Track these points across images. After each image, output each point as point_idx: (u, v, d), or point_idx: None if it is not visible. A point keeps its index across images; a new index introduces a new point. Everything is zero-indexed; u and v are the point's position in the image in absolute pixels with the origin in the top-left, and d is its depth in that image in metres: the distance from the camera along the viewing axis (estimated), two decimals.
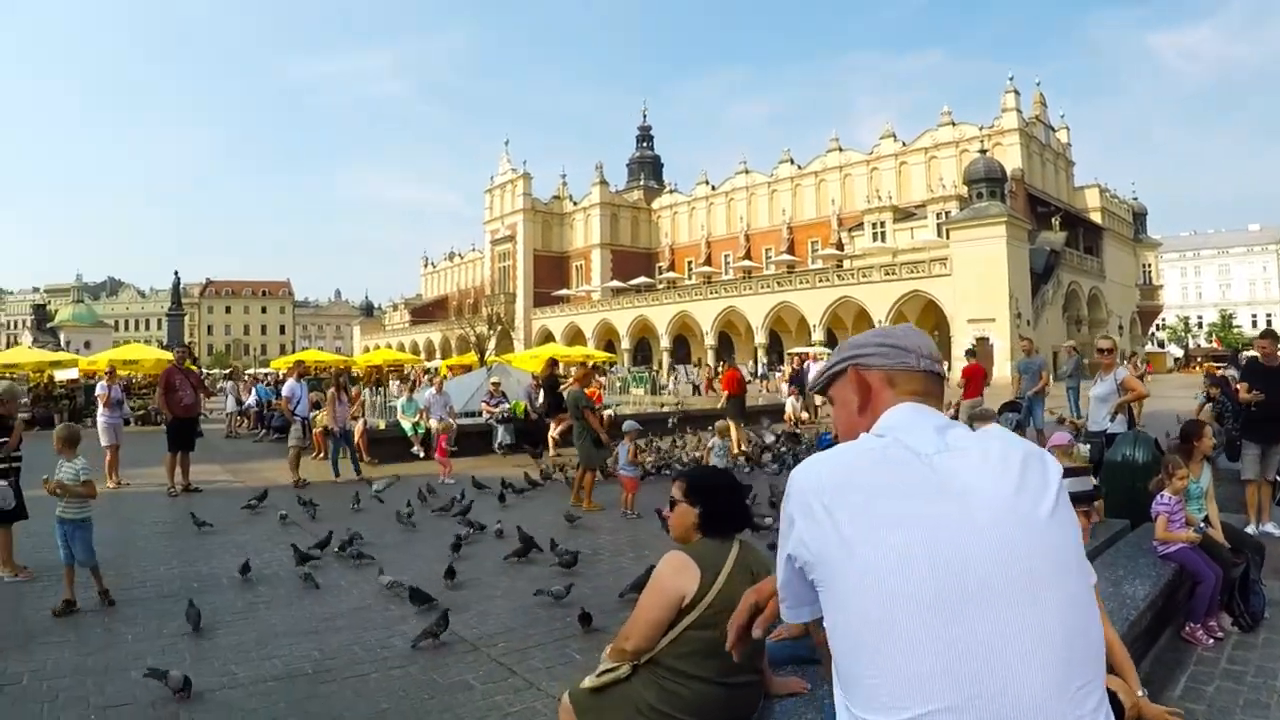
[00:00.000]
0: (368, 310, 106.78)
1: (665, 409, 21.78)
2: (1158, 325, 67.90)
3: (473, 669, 4.70)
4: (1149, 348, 56.91)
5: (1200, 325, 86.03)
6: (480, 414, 16.27)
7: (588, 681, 2.73)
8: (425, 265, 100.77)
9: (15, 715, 4.18)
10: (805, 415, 20.55)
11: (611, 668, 2.69)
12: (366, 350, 73.03)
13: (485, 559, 7.33)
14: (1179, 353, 71.17)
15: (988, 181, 43.32)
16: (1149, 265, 64.19)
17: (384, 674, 4.59)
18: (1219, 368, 18.23)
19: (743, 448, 14.55)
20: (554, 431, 15.13)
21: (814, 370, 22.48)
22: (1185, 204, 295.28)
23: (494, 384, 16.80)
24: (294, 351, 75.32)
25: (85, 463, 5.98)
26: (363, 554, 7.17)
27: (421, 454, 14.57)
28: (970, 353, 16.96)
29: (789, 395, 21.67)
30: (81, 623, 5.57)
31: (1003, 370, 39.84)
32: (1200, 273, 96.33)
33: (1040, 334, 44.36)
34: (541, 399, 16.22)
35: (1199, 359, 53.38)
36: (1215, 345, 63.84)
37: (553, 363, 17.50)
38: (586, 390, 10.63)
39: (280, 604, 6.02)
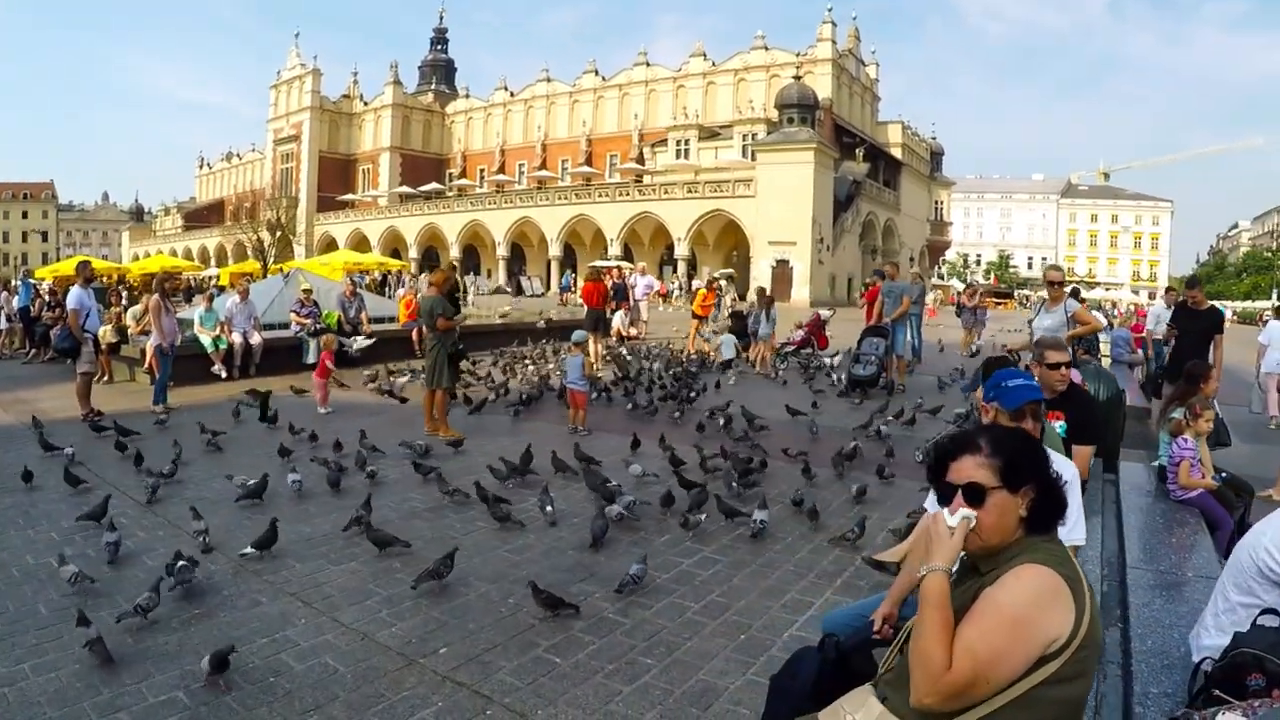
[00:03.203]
0: (138, 214, 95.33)
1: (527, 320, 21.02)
2: (941, 260, 71.81)
3: (422, 699, 3.21)
4: (934, 280, 59.81)
5: (979, 262, 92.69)
6: (290, 325, 14.32)
7: None
8: (201, 166, 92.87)
9: None
10: (633, 330, 19.67)
11: None
12: (136, 258, 66.26)
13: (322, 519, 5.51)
14: (961, 286, 75.87)
15: (800, 107, 43.37)
16: (941, 202, 67.28)
17: None
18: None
19: (598, 365, 13.88)
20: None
21: (641, 284, 20.66)
22: (975, 151, 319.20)
23: (305, 291, 14.88)
24: (58, 260, 68.12)
25: None
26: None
27: (224, 374, 12.66)
28: (878, 273, 15.60)
29: (614, 310, 20.36)
30: None
31: (800, 294, 40.15)
32: (983, 214, 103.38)
33: (838, 260, 45.22)
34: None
35: (981, 293, 56.50)
36: (993, 283, 68.03)
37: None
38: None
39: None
